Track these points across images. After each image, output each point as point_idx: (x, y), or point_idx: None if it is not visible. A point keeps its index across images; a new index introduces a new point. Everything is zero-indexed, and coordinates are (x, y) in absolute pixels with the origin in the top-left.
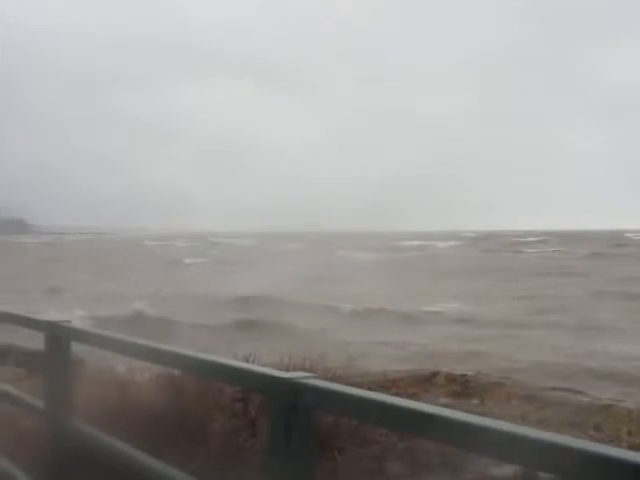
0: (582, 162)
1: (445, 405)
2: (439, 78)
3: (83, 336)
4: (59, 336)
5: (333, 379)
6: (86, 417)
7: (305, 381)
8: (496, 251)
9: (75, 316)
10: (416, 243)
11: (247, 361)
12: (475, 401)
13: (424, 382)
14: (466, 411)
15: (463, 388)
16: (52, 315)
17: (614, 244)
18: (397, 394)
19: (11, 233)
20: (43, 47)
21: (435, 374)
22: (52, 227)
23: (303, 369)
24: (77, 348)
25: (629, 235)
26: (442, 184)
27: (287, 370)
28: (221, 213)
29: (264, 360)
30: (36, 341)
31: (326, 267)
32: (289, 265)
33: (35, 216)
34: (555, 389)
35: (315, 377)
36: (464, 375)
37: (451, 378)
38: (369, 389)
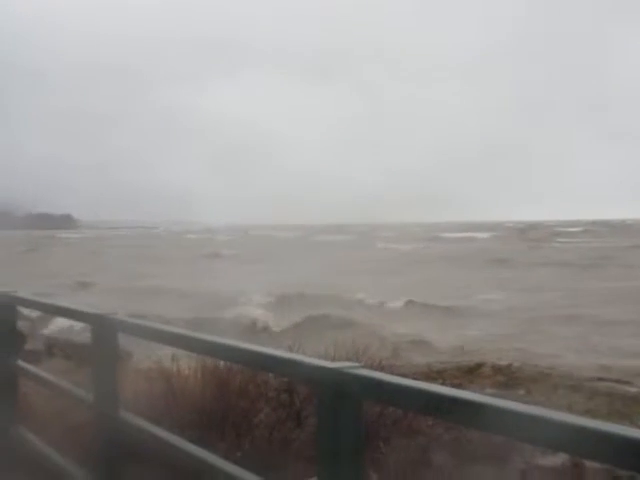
0: (622, 149)
1: (491, 396)
2: (469, 68)
3: (130, 327)
4: (106, 328)
5: (378, 370)
6: (133, 409)
7: (351, 370)
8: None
9: None
10: (458, 235)
11: (291, 351)
12: (521, 391)
13: (469, 373)
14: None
15: (509, 379)
16: None
17: None
18: (442, 385)
19: (58, 228)
20: (81, 44)
21: (480, 365)
22: (98, 222)
23: (348, 360)
24: (126, 341)
25: None
26: (476, 174)
27: (332, 360)
28: (258, 206)
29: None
30: (84, 334)
31: (381, 261)
32: (342, 258)
33: (81, 211)
34: (602, 379)
35: (361, 367)
36: (510, 365)
37: (497, 368)
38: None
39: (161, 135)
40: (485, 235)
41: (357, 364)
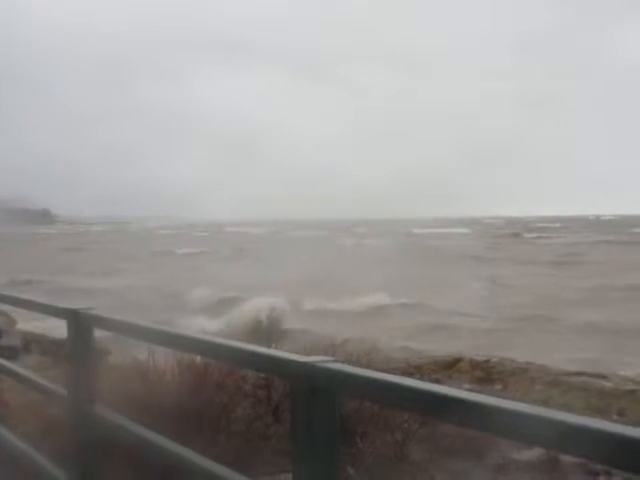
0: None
1: (468, 391)
2: (471, 62)
3: (106, 323)
4: (82, 323)
5: (354, 365)
6: (109, 404)
7: (324, 365)
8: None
9: None
10: (435, 230)
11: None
12: (498, 386)
13: (447, 368)
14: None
15: (486, 374)
16: None
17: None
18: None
19: (35, 223)
20: (67, 37)
21: (458, 360)
22: (75, 217)
23: (325, 354)
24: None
25: None
26: (467, 172)
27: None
28: (245, 202)
29: None
30: (61, 330)
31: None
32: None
33: (58, 206)
34: (579, 374)
35: (334, 361)
36: (487, 361)
37: (474, 364)
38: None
39: (145, 131)
40: (464, 231)
41: (330, 358)
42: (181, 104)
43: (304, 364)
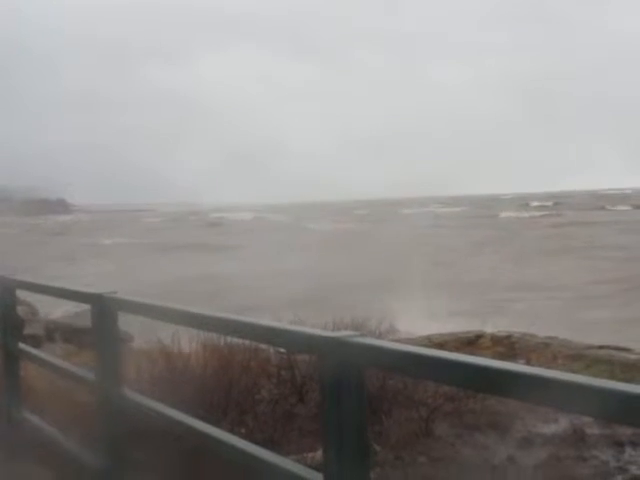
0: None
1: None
2: (464, 40)
3: (129, 306)
4: (106, 307)
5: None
6: (136, 388)
7: (351, 339)
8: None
9: None
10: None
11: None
12: (521, 361)
13: (469, 345)
14: None
15: (509, 349)
16: None
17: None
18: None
19: (53, 213)
20: (70, 22)
21: (480, 336)
22: (92, 206)
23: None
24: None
25: None
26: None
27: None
28: (256, 186)
29: None
30: (82, 317)
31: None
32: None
33: (74, 195)
34: (602, 347)
35: (361, 335)
36: (510, 336)
37: (496, 339)
38: None
39: (154, 115)
40: (443, 210)
41: (357, 333)
42: (189, 88)
43: (332, 339)
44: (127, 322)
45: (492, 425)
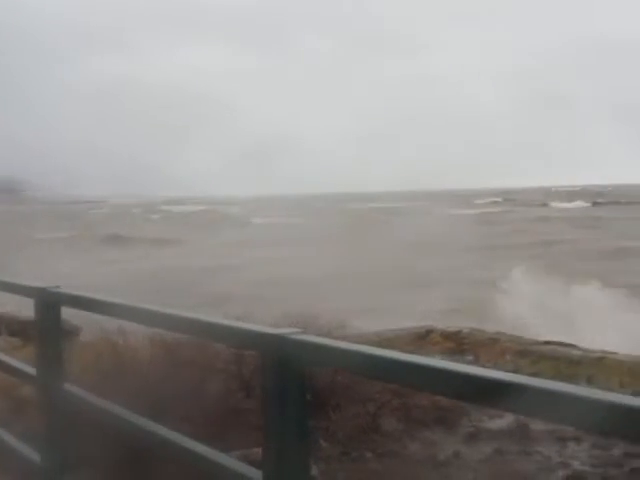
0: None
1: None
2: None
3: (73, 300)
4: (49, 301)
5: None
6: (81, 383)
7: (294, 336)
8: None
9: None
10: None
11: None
12: (470, 357)
13: (419, 340)
14: None
15: (458, 345)
16: None
17: None
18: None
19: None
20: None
21: (430, 331)
22: (45, 197)
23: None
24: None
25: None
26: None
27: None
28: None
29: None
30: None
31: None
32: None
33: (28, 185)
34: (549, 343)
35: (303, 332)
36: (459, 332)
37: (446, 335)
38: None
39: (115, 106)
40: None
41: (300, 330)
42: (128, 77)
43: (274, 336)
44: (78, 315)
45: (439, 421)
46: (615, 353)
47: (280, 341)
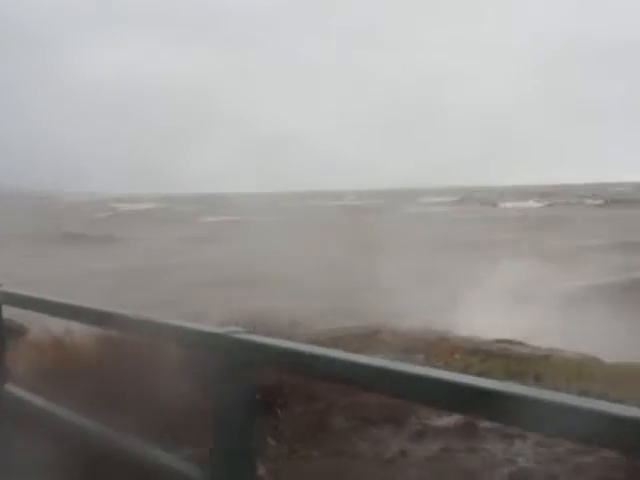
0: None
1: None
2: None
3: (15, 300)
4: None
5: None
6: (23, 383)
7: (239, 336)
8: None
9: None
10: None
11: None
12: (420, 356)
13: (368, 338)
14: None
15: (408, 344)
16: None
17: None
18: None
19: None
20: None
21: (378, 331)
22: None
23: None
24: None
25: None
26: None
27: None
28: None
29: None
30: None
31: None
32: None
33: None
34: (499, 341)
35: (248, 332)
36: (410, 331)
37: (396, 334)
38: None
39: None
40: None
41: (245, 329)
42: (61, 69)
43: (220, 335)
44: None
45: (387, 419)
46: (562, 351)
47: (225, 340)
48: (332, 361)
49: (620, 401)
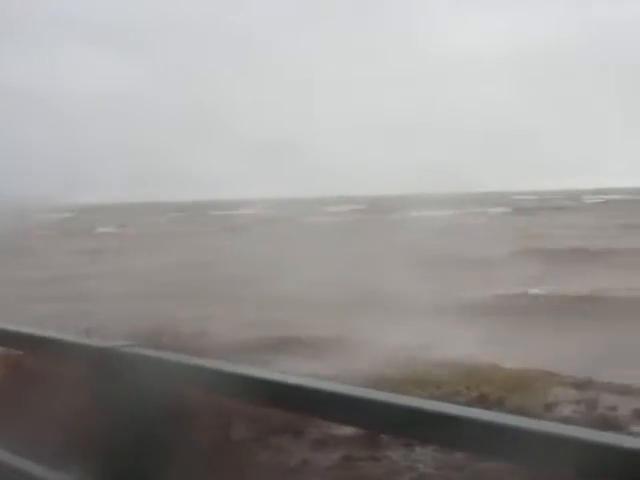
0: None
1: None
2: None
3: None
4: None
5: (174, 348)
6: None
7: (124, 349)
8: None
9: None
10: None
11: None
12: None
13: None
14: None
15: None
16: None
17: None
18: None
19: None
20: None
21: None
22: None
23: (146, 338)
24: None
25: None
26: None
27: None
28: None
29: None
30: None
31: None
32: None
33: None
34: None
35: (134, 345)
36: (323, 338)
37: (309, 342)
38: None
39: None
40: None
41: (131, 342)
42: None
43: (104, 349)
44: None
45: (288, 429)
46: (463, 360)
47: (109, 354)
48: (219, 375)
49: (520, 407)
